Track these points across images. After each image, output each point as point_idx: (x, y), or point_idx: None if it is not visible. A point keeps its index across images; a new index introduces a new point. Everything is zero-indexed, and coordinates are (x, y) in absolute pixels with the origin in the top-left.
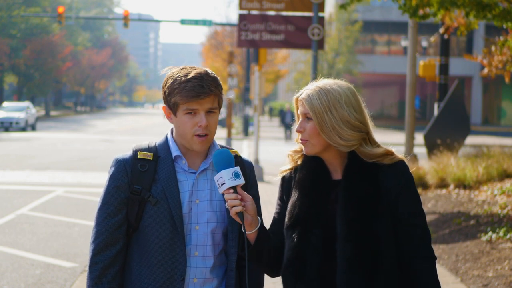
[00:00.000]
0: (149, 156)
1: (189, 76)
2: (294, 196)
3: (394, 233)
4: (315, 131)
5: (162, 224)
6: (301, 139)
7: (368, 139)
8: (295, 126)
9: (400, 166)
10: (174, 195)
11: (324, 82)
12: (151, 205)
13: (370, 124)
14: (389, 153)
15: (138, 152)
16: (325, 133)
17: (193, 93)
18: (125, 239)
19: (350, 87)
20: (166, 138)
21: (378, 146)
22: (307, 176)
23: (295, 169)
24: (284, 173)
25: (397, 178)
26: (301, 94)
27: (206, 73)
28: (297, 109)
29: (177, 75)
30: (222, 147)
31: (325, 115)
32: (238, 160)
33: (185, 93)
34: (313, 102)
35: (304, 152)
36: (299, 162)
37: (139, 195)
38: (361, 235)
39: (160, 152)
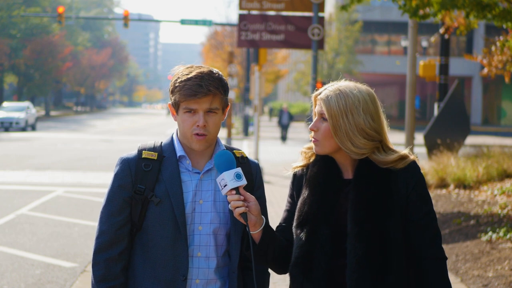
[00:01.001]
0: (154, 155)
1: (190, 75)
2: (305, 193)
3: (404, 233)
4: (328, 133)
5: (164, 224)
6: (313, 138)
7: (382, 146)
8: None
9: (411, 167)
10: (177, 195)
11: (345, 85)
12: (154, 204)
13: (386, 128)
14: (403, 158)
15: (143, 151)
16: (338, 138)
17: (190, 92)
18: (128, 239)
19: (371, 93)
20: (172, 138)
21: (393, 151)
22: (318, 174)
23: (307, 167)
24: (296, 170)
25: (408, 178)
26: (320, 93)
27: (209, 73)
28: (315, 106)
29: (180, 73)
30: (228, 148)
31: (341, 119)
32: (244, 161)
33: (183, 92)
34: (331, 104)
35: (314, 150)
36: (312, 160)
37: (142, 195)
38: (372, 235)
39: (165, 152)
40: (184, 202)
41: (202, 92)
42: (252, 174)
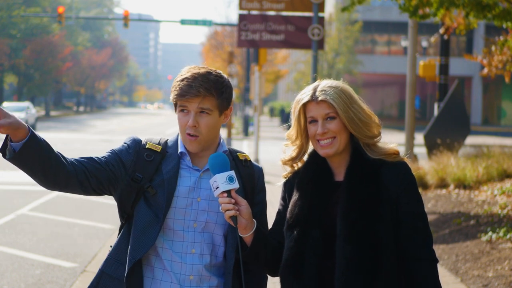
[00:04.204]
0: (158, 148)
1: (185, 75)
2: (296, 196)
3: (395, 235)
4: (342, 127)
5: (148, 208)
6: (325, 139)
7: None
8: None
9: (402, 168)
10: (171, 187)
11: (330, 82)
12: (150, 195)
13: None
14: (396, 153)
15: (148, 142)
16: (354, 128)
17: (181, 92)
18: (92, 175)
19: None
20: (177, 135)
21: (386, 147)
22: (309, 176)
23: (298, 170)
24: (287, 177)
25: (399, 179)
26: (316, 97)
27: (205, 74)
28: (306, 113)
29: (180, 73)
30: (231, 150)
31: (349, 110)
32: (247, 165)
33: (176, 92)
34: (335, 100)
35: (325, 153)
36: (295, 167)
37: (138, 183)
38: (362, 237)
39: (169, 148)
40: (176, 195)
41: (191, 93)
42: (255, 177)
